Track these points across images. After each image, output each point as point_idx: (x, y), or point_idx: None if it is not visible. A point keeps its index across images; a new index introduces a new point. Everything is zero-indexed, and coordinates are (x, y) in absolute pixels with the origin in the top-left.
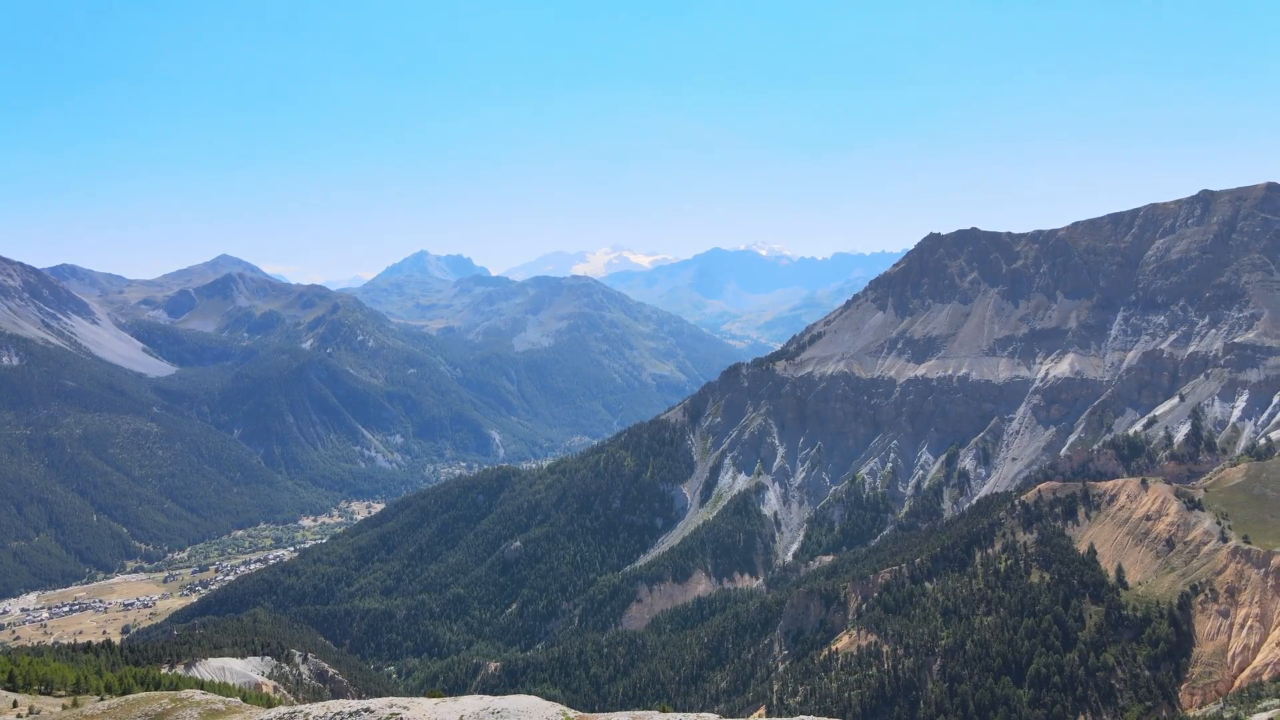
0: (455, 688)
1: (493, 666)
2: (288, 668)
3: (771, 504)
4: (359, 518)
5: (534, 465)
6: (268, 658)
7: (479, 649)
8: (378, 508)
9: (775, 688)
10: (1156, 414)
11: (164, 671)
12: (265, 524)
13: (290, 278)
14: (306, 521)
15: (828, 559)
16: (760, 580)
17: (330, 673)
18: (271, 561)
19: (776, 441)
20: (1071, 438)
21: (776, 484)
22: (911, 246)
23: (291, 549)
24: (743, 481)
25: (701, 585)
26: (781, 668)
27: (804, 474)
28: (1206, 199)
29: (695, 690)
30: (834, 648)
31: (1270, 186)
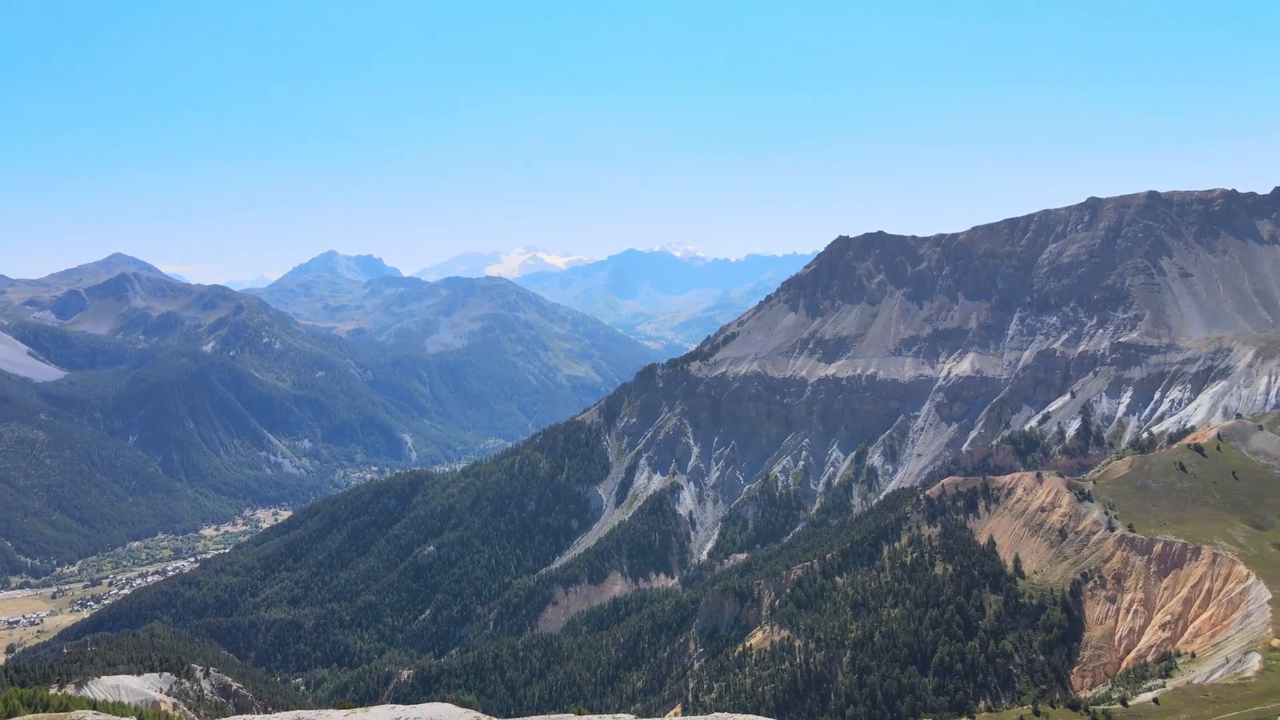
0: (366, 698)
1: (405, 674)
2: (188, 684)
3: (686, 503)
4: (265, 526)
5: (448, 469)
6: (166, 674)
7: (391, 657)
8: (285, 515)
9: (691, 686)
10: (1050, 410)
11: (52, 692)
12: (164, 535)
13: (189, 278)
14: (209, 531)
15: (742, 557)
16: (676, 579)
17: (234, 687)
18: (170, 574)
19: (691, 441)
20: (973, 434)
21: (691, 484)
22: (822, 248)
23: (192, 560)
24: (658, 482)
25: (617, 586)
26: (697, 666)
27: (718, 473)
28: (1094, 205)
29: (612, 691)
30: (748, 644)
31: (1151, 195)
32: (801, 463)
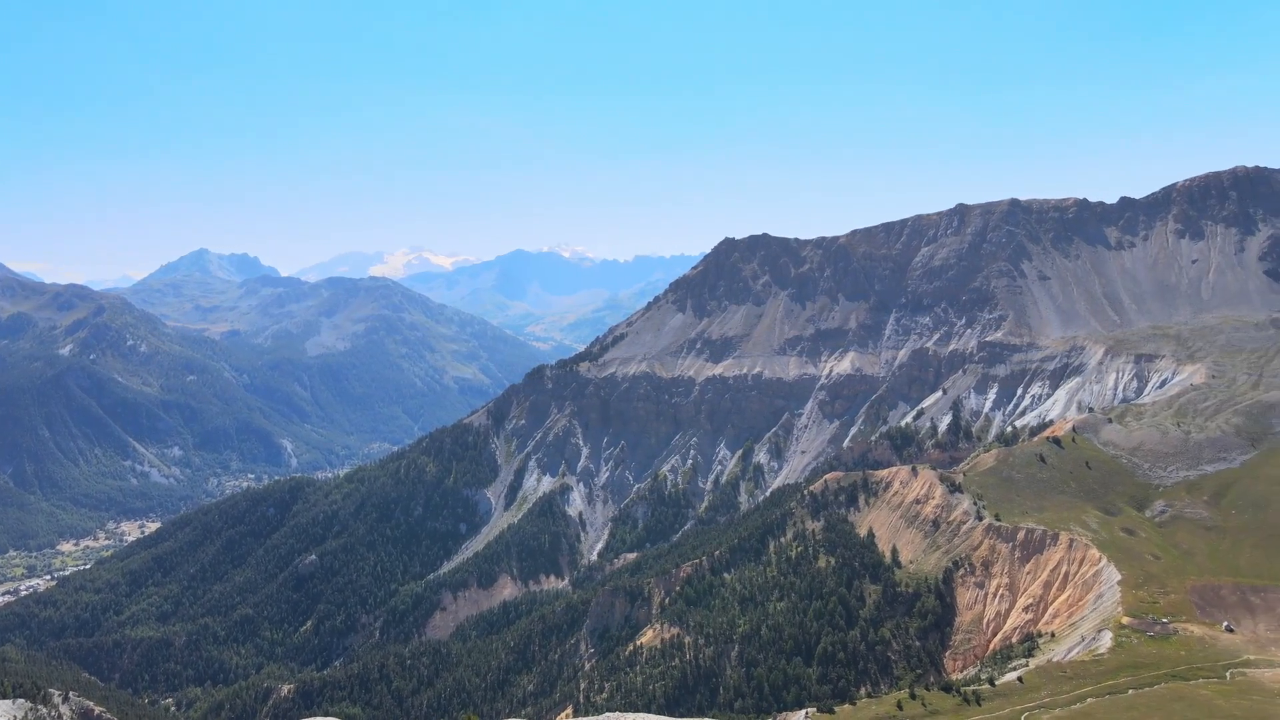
0: (243, 715)
1: (286, 689)
2: (45, 709)
3: (576, 504)
4: (131, 539)
5: (330, 475)
6: (20, 700)
7: (271, 671)
8: (153, 527)
9: (582, 687)
10: (924, 406)
11: None
12: (15, 551)
13: (43, 276)
14: (66, 546)
15: (632, 556)
16: (566, 581)
17: (96, 712)
18: (24, 593)
19: (581, 442)
20: (853, 430)
21: (581, 484)
22: (709, 250)
23: (48, 578)
24: (548, 483)
25: (507, 589)
26: (588, 666)
27: (608, 473)
28: (962, 211)
29: (502, 696)
30: (639, 643)
31: (1013, 202)
32: (690, 461)
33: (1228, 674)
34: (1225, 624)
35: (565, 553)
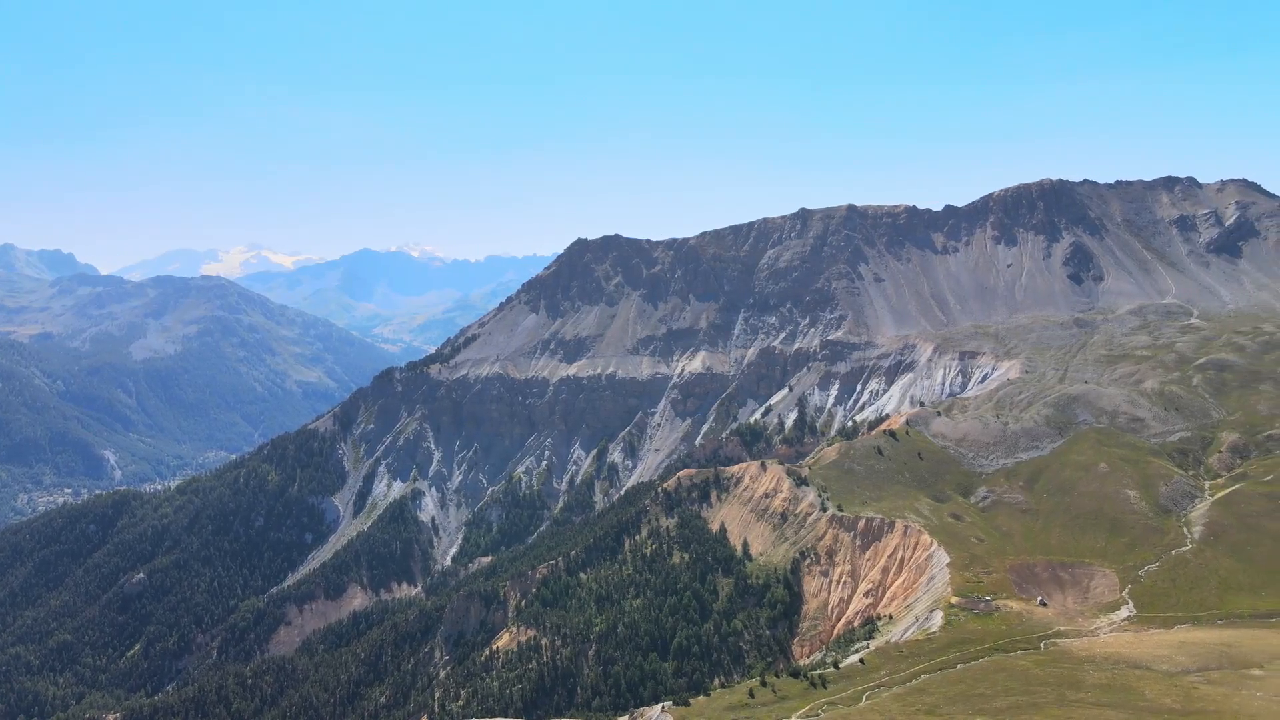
0: None
1: (111, 719)
2: None
3: (429, 509)
4: None
5: (160, 486)
6: None
7: (93, 701)
8: None
9: (437, 695)
10: (771, 403)
11: None
12: None
13: None
14: None
15: (487, 560)
16: (420, 588)
17: None
18: None
19: (433, 446)
20: (705, 428)
21: (434, 489)
22: (562, 250)
23: None
24: (398, 488)
25: (357, 599)
26: (443, 674)
27: (461, 477)
28: (805, 215)
29: (353, 710)
30: (495, 647)
31: (850, 208)
32: (545, 462)
33: (1042, 645)
34: (1039, 599)
35: (418, 559)
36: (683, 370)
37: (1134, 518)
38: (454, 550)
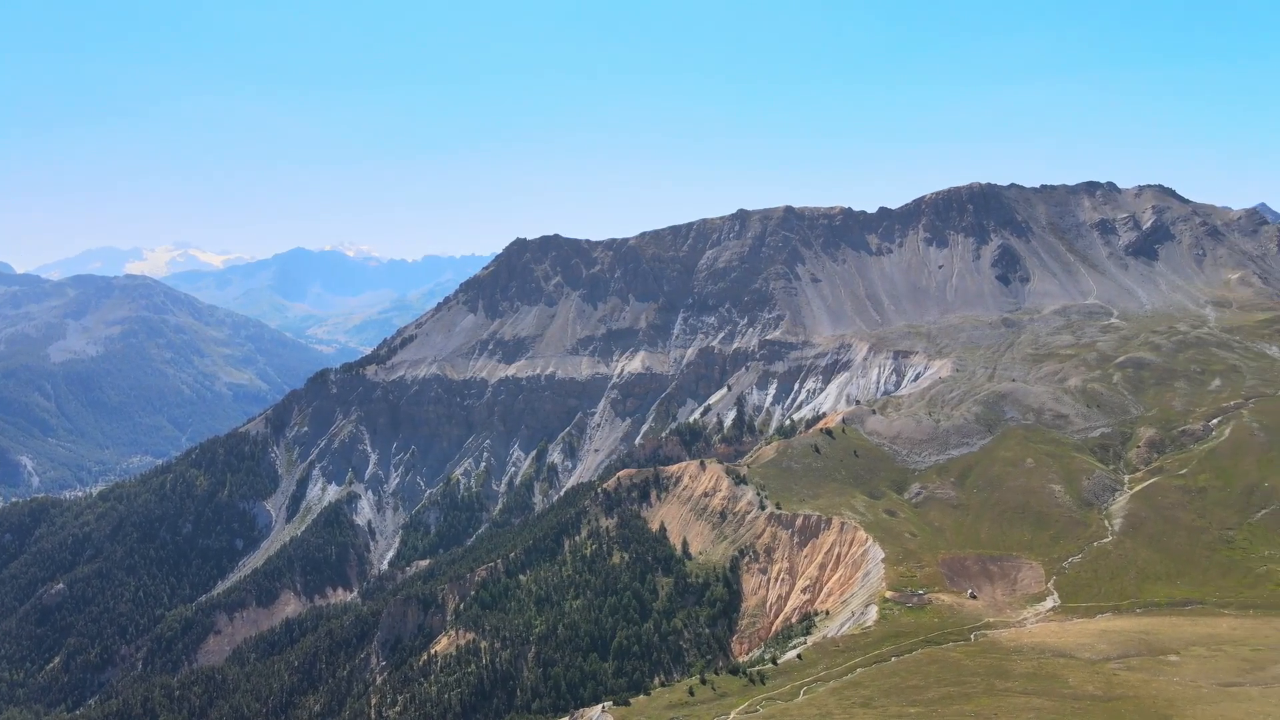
0: None
1: None
2: None
3: (365, 513)
4: None
5: (81, 493)
6: None
7: (10, 717)
8: None
9: (373, 701)
10: (710, 403)
11: None
12: None
13: None
14: None
15: (425, 563)
16: (356, 593)
17: None
18: None
19: (369, 448)
20: (644, 427)
21: (370, 492)
22: (500, 250)
23: None
24: (333, 492)
25: (291, 606)
26: (380, 680)
27: (398, 479)
28: (743, 216)
29: (286, 719)
30: (433, 651)
31: (788, 209)
32: (483, 464)
33: (972, 636)
34: (970, 591)
35: (354, 563)
36: (622, 370)
37: (1058, 511)
38: (391, 554)
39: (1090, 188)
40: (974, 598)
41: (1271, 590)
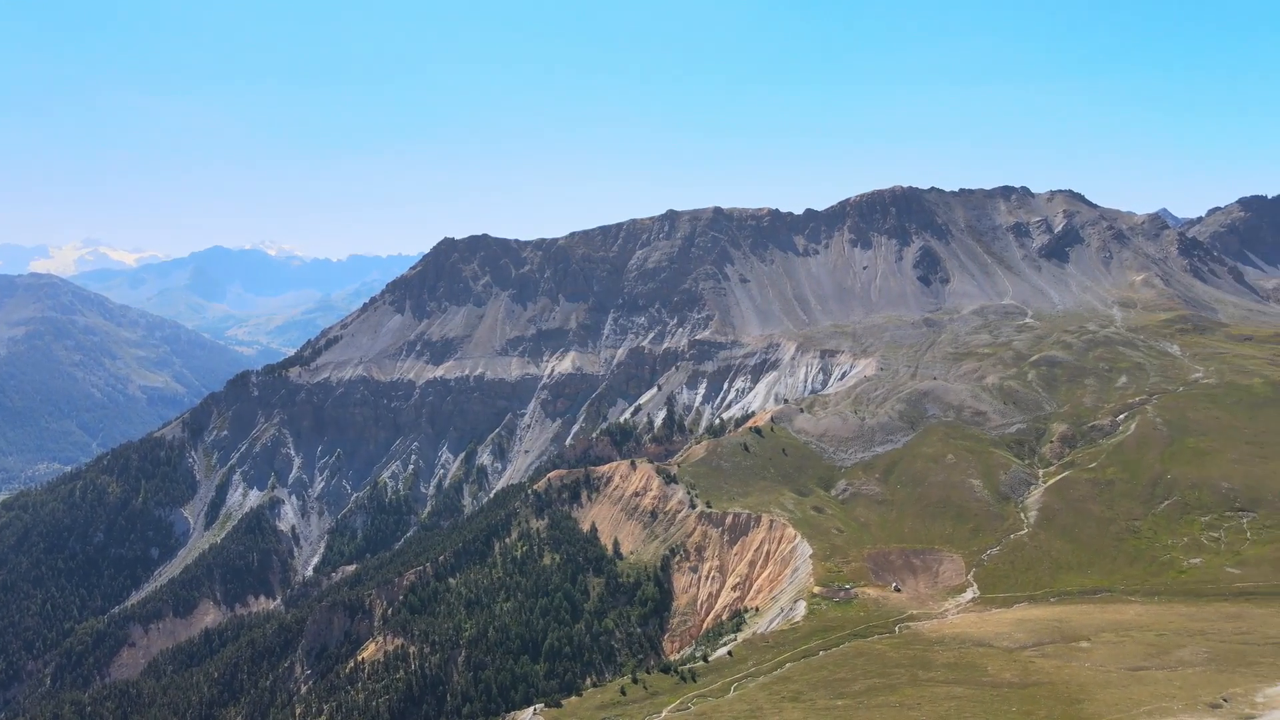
0: None
1: None
2: None
3: (289, 518)
4: None
5: None
6: None
7: None
8: None
9: (298, 711)
10: (641, 403)
11: None
12: None
13: None
14: None
15: (351, 568)
16: (279, 600)
17: None
18: None
19: (292, 452)
20: (575, 428)
21: (294, 496)
22: (428, 250)
23: None
24: (255, 497)
25: (210, 615)
26: (304, 689)
27: (323, 483)
28: (672, 217)
29: None
30: (360, 658)
31: (716, 210)
32: (411, 467)
33: (896, 628)
34: (894, 585)
35: (277, 570)
36: (552, 371)
37: (978, 505)
38: (316, 560)
39: (1006, 192)
40: (898, 591)
41: (1174, 577)
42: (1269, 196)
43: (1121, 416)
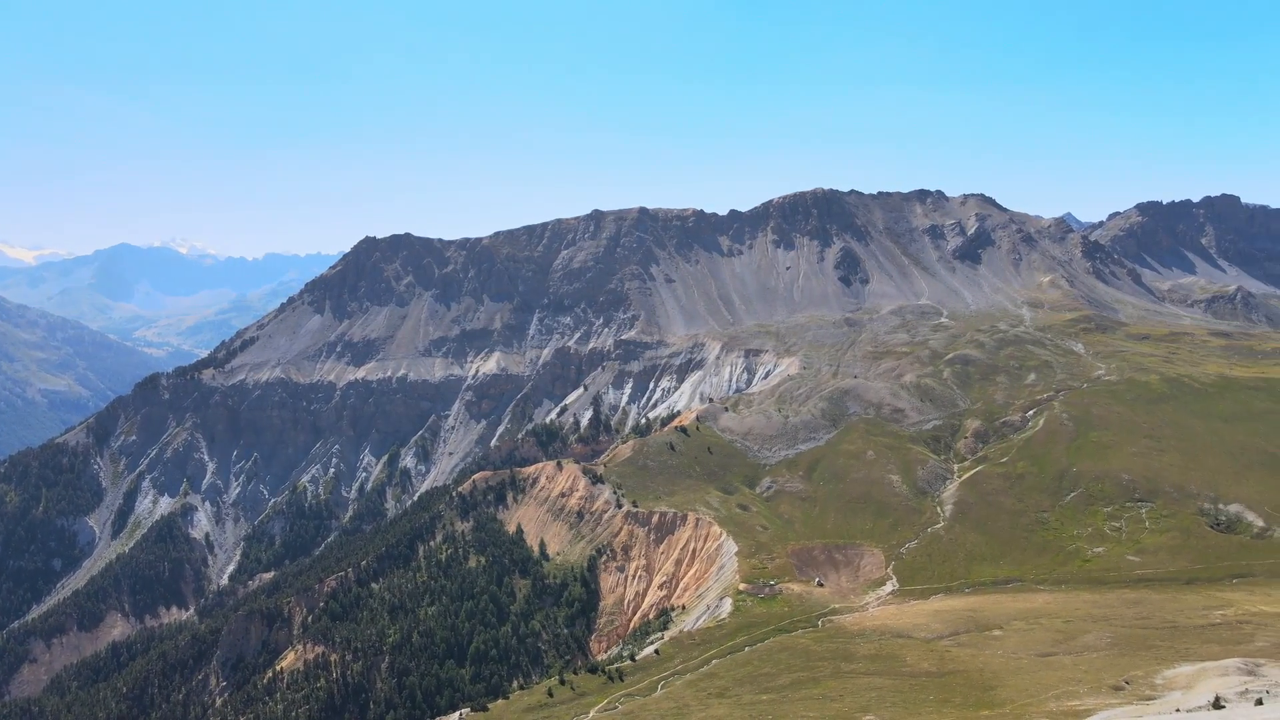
0: None
1: None
2: None
3: (202, 525)
4: None
5: None
6: None
7: None
8: None
9: None
10: (567, 403)
11: None
12: None
13: None
14: None
15: (269, 576)
16: (192, 610)
17: None
18: None
19: (206, 457)
20: (500, 429)
21: (208, 503)
22: (348, 249)
23: None
24: (166, 504)
25: (118, 628)
26: (220, 702)
27: (239, 489)
28: (598, 217)
29: None
30: (279, 667)
31: (642, 210)
32: (332, 470)
33: (819, 622)
34: (817, 580)
35: (190, 580)
36: (477, 371)
37: (896, 500)
38: (232, 568)
39: (921, 195)
40: (821, 585)
41: (1079, 566)
42: (1164, 202)
43: (1031, 412)
